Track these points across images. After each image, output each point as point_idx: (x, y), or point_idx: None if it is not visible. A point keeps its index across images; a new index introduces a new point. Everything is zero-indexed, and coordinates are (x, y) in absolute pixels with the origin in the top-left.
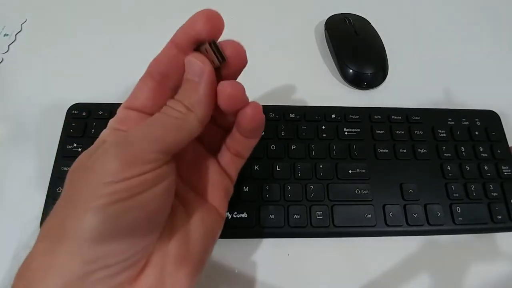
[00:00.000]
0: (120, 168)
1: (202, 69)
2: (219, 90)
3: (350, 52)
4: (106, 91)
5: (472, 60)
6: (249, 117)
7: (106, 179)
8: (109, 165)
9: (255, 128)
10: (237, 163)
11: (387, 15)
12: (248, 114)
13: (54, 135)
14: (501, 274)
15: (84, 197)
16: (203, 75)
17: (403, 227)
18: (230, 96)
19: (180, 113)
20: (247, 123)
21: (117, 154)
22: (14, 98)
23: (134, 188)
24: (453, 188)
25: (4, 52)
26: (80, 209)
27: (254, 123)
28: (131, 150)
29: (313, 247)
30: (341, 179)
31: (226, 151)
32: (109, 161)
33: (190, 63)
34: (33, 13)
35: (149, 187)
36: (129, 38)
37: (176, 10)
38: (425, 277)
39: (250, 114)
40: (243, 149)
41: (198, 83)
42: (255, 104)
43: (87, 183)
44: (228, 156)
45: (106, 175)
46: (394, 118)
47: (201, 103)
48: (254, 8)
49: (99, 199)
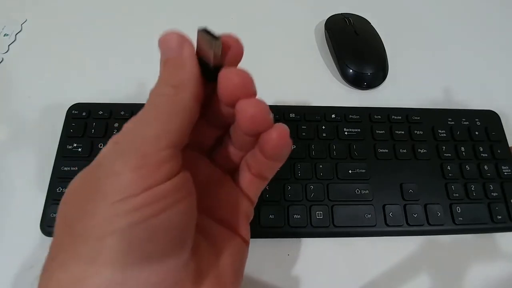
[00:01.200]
0: (135, 178)
1: (179, 40)
2: (238, 110)
3: (350, 52)
4: (106, 91)
5: (472, 60)
6: (274, 143)
7: (120, 195)
8: (120, 179)
9: (281, 153)
10: (258, 185)
11: (387, 15)
12: (273, 139)
13: (54, 135)
14: (501, 274)
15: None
16: (184, 44)
17: (403, 227)
18: (253, 118)
19: (169, 95)
20: (272, 149)
21: (124, 162)
22: (14, 98)
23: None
24: (453, 188)
25: (4, 52)
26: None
27: (279, 149)
28: (139, 154)
29: (313, 247)
30: (341, 179)
31: (246, 172)
32: (119, 174)
33: (165, 40)
34: (33, 13)
35: (175, 202)
36: (129, 38)
37: (177, 10)
38: (425, 277)
39: (275, 139)
40: (266, 171)
41: (179, 55)
42: (282, 128)
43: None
44: (248, 177)
45: (119, 191)
46: (394, 118)
47: (190, 78)
48: (254, 8)
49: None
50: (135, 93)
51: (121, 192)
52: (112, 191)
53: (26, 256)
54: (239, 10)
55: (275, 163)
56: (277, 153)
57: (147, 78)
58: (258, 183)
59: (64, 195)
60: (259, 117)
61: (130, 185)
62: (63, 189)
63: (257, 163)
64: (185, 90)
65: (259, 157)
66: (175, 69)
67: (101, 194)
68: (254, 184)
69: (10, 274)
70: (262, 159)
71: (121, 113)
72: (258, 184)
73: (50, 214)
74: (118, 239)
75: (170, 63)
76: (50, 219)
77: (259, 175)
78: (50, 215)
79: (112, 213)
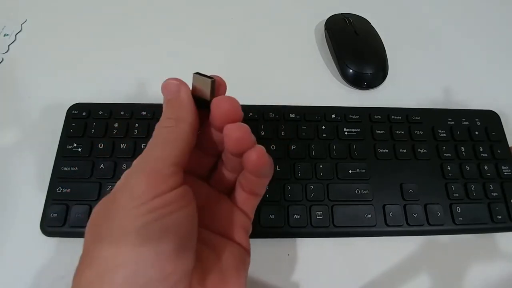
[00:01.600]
0: (148, 187)
1: (177, 85)
2: (226, 133)
3: (350, 52)
4: (106, 91)
5: (472, 60)
6: (253, 161)
7: (136, 201)
8: (136, 189)
9: (262, 170)
10: (252, 201)
11: (387, 15)
12: (252, 158)
13: (54, 135)
14: (501, 274)
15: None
16: (181, 87)
17: (403, 227)
18: (238, 140)
19: (172, 127)
20: (253, 167)
21: (140, 176)
22: (14, 98)
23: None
24: (453, 188)
25: (4, 52)
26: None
27: (259, 166)
28: (152, 170)
29: (313, 247)
30: (341, 179)
31: (241, 191)
32: (134, 186)
33: (166, 85)
34: (33, 13)
35: (182, 207)
36: (129, 38)
37: (177, 11)
38: (425, 277)
39: (254, 159)
40: (257, 188)
41: (178, 97)
42: (259, 148)
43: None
44: (243, 195)
45: (134, 199)
46: (394, 118)
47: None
48: (254, 8)
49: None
50: (135, 93)
51: (136, 199)
52: (128, 199)
53: (26, 256)
54: (239, 10)
55: (261, 179)
56: (259, 170)
57: (147, 78)
58: (252, 199)
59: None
60: (243, 139)
61: (143, 194)
62: (63, 189)
63: (247, 181)
64: (183, 122)
65: (248, 176)
66: (175, 107)
67: (120, 204)
68: (248, 200)
69: (10, 274)
70: (250, 177)
71: (121, 113)
72: (252, 201)
73: (50, 214)
74: (135, 236)
75: (171, 103)
76: (50, 219)
77: (251, 192)
78: (50, 215)
79: (129, 216)
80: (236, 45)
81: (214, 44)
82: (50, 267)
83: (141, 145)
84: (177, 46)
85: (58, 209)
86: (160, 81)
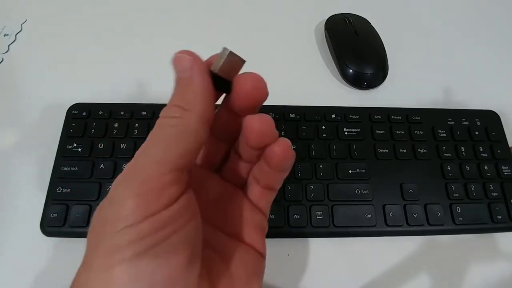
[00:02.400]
0: (136, 204)
1: (191, 61)
2: (246, 125)
3: (350, 52)
4: (106, 91)
5: (472, 60)
6: (278, 155)
7: (123, 222)
8: (122, 205)
9: (286, 165)
10: (268, 197)
11: (387, 15)
12: (276, 152)
13: (54, 135)
14: (501, 274)
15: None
16: (194, 66)
17: (403, 227)
18: (260, 133)
19: (177, 118)
20: (276, 161)
21: (126, 188)
22: (14, 98)
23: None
24: (453, 188)
25: (4, 52)
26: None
27: (284, 161)
28: (140, 180)
29: (313, 247)
30: (341, 179)
31: (255, 185)
32: (121, 200)
33: (177, 59)
34: (33, 13)
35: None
36: (130, 38)
37: (177, 11)
38: (425, 277)
39: (279, 152)
40: (274, 182)
41: (190, 78)
42: (284, 141)
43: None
44: (258, 190)
45: (122, 218)
46: (394, 118)
47: (197, 97)
48: (254, 8)
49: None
50: (135, 93)
51: (124, 219)
52: (115, 219)
53: (26, 256)
54: (239, 10)
55: (281, 173)
56: (282, 164)
57: (147, 78)
58: (268, 195)
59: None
60: (265, 131)
61: (133, 212)
62: (63, 189)
63: (264, 175)
64: (193, 111)
65: (266, 169)
66: (184, 88)
67: (107, 223)
68: (264, 196)
69: (10, 274)
70: (268, 171)
71: (121, 113)
72: (267, 196)
73: (50, 214)
74: (124, 269)
75: (181, 82)
76: (50, 219)
77: (267, 187)
78: (50, 215)
79: (117, 243)
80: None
81: (214, 44)
82: (50, 267)
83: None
84: (177, 46)
85: (58, 209)
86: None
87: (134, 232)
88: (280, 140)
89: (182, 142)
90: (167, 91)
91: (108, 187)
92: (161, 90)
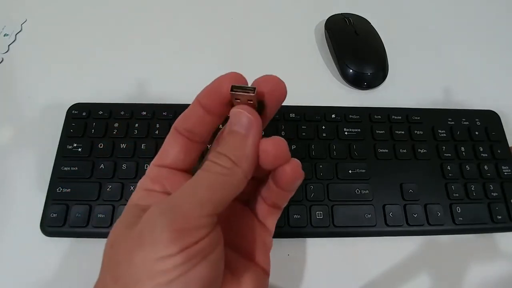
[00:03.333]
0: (173, 239)
1: (250, 121)
2: (262, 149)
3: (350, 52)
4: (106, 91)
5: (472, 60)
6: (289, 176)
7: (160, 253)
8: (160, 237)
9: (295, 185)
10: (274, 215)
11: (387, 15)
12: (287, 173)
13: (54, 135)
14: (501, 274)
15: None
16: (252, 127)
17: (403, 227)
18: (275, 157)
19: (226, 168)
20: (287, 181)
21: (166, 223)
22: (14, 98)
23: (192, 260)
24: (453, 188)
25: (4, 52)
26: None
27: (294, 181)
28: (181, 218)
29: (313, 247)
30: (341, 179)
31: (262, 203)
32: (160, 233)
33: (236, 114)
34: (33, 13)
35: (207, 255)
36: (129, 38)
37: (177, 11)
38: (425, 277)
39: (290, 173)
40: (281, 201)
41: (246, 136)
42: (295, 163)
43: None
44: (265, 208)
45: (159, 250)
46: (394, 118)
47: (248, 157)
48: (254, 8)
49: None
50: (135, 93)
51: (161, 250)
52: (153, 247)
53: (26, 256)
54: (239, 10)
55: (288, 193)
56: (293, 184)
57: (147, 78)
58: (275, 213)
59: (111, 235)
60: (280, 155)
61: (169, 244)
62: (63, 189)
63: (272, 194)
64: (240, 168)
65: (274, 189)
66: (237, 143)
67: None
68: (270, 214)
69: (10, 274)
70: (276, 190)
71: (121, 113)
72: (274, 214)
73: (50, 214)
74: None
75: (236, 136)
76: (50, 219)
77: (274, 205)
78: (50, 215)
79: (153, 269)
80: (236, 45)
81: (214, 44)
82: (50, 267)
83: (141, 145)
84: (177, 46)
85: (58, 209)
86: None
87: (169, 262)
88: (292, 161)
89: (226, 191)
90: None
91: (108, 187)
92: (161, 90)
